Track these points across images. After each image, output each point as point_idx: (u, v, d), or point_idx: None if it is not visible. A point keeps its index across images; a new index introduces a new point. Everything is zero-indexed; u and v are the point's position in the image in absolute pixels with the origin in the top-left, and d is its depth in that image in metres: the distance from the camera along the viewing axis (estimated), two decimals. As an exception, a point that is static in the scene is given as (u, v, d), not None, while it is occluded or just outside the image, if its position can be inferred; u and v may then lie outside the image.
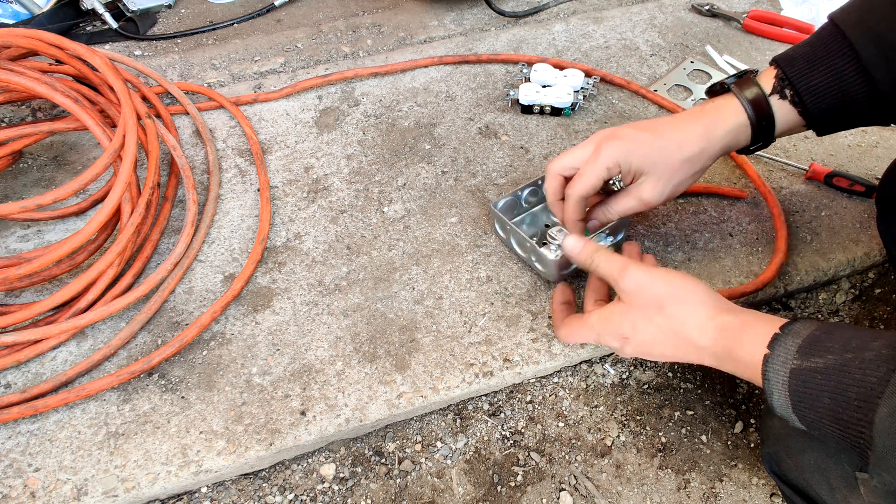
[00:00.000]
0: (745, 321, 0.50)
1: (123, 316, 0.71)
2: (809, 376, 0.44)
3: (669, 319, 0.54)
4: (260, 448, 0.62)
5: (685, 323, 0.53)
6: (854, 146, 0.87)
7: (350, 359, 0.68)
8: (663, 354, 0.56)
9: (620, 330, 0.57)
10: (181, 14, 1.12)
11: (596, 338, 0.60)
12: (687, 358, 0.55)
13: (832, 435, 0.43)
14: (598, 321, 0.59)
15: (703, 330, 0.52)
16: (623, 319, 0.57)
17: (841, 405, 0.42)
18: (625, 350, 0.58)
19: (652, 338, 0.55)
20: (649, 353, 0.57)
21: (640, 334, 0.56)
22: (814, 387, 0.43)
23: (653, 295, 0.55)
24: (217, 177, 0.83)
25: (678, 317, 0.54)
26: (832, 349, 0.44)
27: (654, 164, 0.62)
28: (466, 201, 0.81)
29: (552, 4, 1.11)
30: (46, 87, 0.70)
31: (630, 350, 0.57)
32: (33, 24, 1.02)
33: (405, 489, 0.64)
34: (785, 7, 1.07)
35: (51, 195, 0.65)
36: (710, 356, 0.52)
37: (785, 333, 0.47)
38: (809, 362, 0.44)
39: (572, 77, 0.91)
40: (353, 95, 0.94)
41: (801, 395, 0.44)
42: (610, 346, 0.59)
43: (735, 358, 0.50)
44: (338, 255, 0.76)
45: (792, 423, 0.46)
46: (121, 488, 0.59)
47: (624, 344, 0.57)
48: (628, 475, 0.65)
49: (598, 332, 0.59)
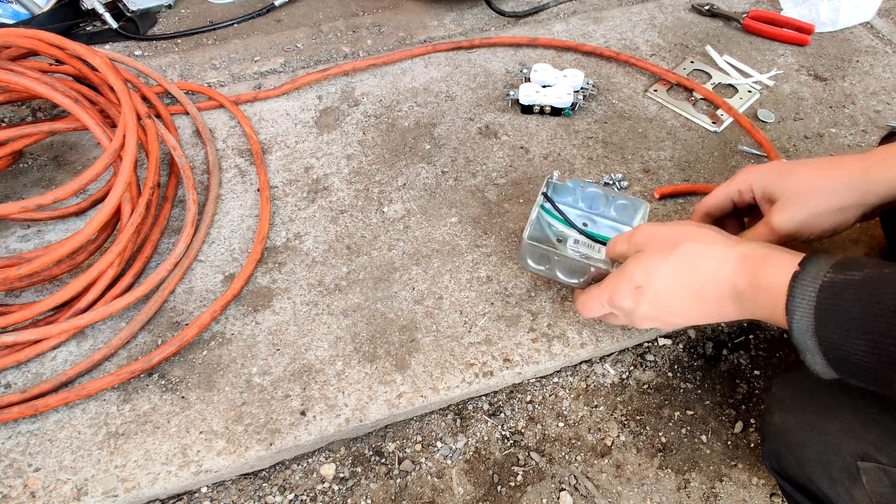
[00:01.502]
0: (769, 249, 0.48)
1: (123, 316, 0.71)
2: (841, 288, 0.41)
3: (685, 255, 0.51)
4: (260, 448, 0.62)
5: (703, 255, 0.50)
6: (854, 146, 0.87)
7: (350, 359, 0.68)
8: (679, 305, 0.52)
9: (633, 279, 0.53)
10: (181, 14, 1.12)
11: (609, 297, 0.56)
12: (703, 306, 0.51)
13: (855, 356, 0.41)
14: (609, 278, 0.56)
15: (723, 260, 0.49)
16: (635, 267, 0.53)
17: (874, 315, 0.39)
18: (639, 308, 0.54)
19: (667, 280, 0.51)
20: (664, 304, 0.52)
21: (654, 279, 0.52)
22: (845, 299, 0.41)
23: (666, 237, 0.53)
24: (217, 177, 0.83)
25: (695, 251, 0.51)
26: (869, 265, 0.42)
27: (790, 189, 0.57)
28: (466, 201, 0.81)
29: (552, 4, 1.11)
30: (46, 87, 0.70)
31: (645, 305, 0.53)
32: (33, 24, 1.02)
33: (405, 489, 0.64)
34: (785, 7, 1.07)
35: (51, 195, 0.65)
36: (730, 291, 0.49)
37: (818, 255, 0.45)
38: (844, 275, 0.42)
39: (572, 77, 0.91)
40: (353, 95, 0.94)
41: (828, 309, 0.42)
42: (622, 309, 0.55)
43: (758, 285, 0.46)
44: (338, 255, 0.76)
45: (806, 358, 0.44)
46: (121, 488, 0.59)
47: (638, 297, 0.53)
48: (628, 475, 0.65)
49: (611, 288, 0.56)
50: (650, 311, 0.54)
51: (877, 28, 1.06)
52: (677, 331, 0.74)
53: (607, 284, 0.57)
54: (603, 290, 0.57)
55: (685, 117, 0.91)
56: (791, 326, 0.44)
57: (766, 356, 0.73)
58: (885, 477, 0.45)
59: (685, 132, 0.89)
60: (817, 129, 0.90)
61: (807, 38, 1.02)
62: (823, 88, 0.95)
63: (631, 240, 0.56)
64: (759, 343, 0.74)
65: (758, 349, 0.74)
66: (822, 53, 1.02)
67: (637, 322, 0.57)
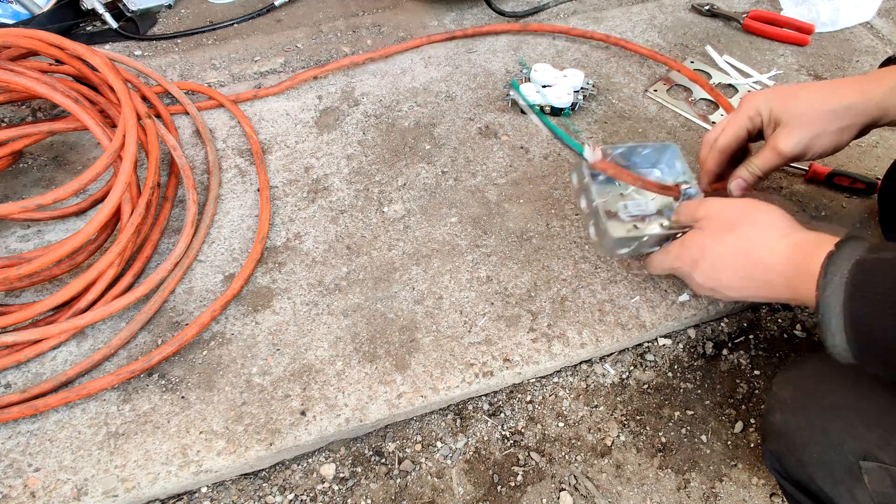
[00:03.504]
0: (821, 237, 0.49)
1: (123, 316, 0.71)
2: (874, 265, 0.43)
3: (740, 239, 0.53)
4: (260, 448, 0.62)
5: (756, 242, 0.53)
6: (854, 146, 0.87)
7: (350, 359, 0.68)
8: (730, 283, 0.55)
9: (691, 253, 0.57)
10: (181, 14, 1.12)
11: (671, 261, 0.61)
12: (753, 285, 0.53)
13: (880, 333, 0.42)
14: (673, 246, 0.61)
15: (774, 249, 0.51)
16: (693, 243, 0.57)
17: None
18: (694, 278, 0.58)
19: (720, 260, 0.55)
20: (717, 279, 0.56)
21: (708, 256, 0.55)
22: (877, 275, 0.42)
23: (726, 217, 0.55)
24: (217, 177, 0.83)
25: (750, 237, 0.53)
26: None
27: (793, 113, 0.60)
28: (466, 201, 0.81)
29: (552, 4, 1.11)
30: (46, 87, 0.70)
31: (699, 277, 0.57)
32: (33, 24, 1.02)
33: (405, 489, 0.64)
34: (785, 7, 1.07)
35: (51, 195, 0.65)
36: (779, 276, 0.51)
37: (857, 238, 0.46)
38: (878, 255, 0.43)
39: (572, 77, 0.91)
40: (353, 95, 0.94)
41: (858, 284, 0.43)
42: (682, 274, 0.60)
43: (807, 272, 0.48)
44: (338, 255, 0.76)
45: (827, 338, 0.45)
46: (121, 488, 0.59)
47: (693, 269, 0.57)
48: (628, 475, 0.65)
49: (674, 254, 0.60)
50: (705, 283, 0.57)
51: (877, 28, 1.06)
52: (675, 332, 0.74)
53: (672, 252, 0.61)
54: (667, 256, 0.61)
55: (685, 117, 0.91)
56: (820, 303, 0.45)
57: (766, 356, 0.73)
58: (887, 476, 0.45)
59: (685, 132, 0.89)
60: (817, 129, 0.90)
61: (807, 38, 1.02)
62: (823, 88, 0.95)
63: (695, 213, 0.59)
64: (759, 343, 0.74)
65: (758, 349, 0.74)
66: (822, 53, 1.02)
67: (695, 288, 0.61)
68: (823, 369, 0.54)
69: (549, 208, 0.80)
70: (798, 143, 0.60)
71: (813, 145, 0.61)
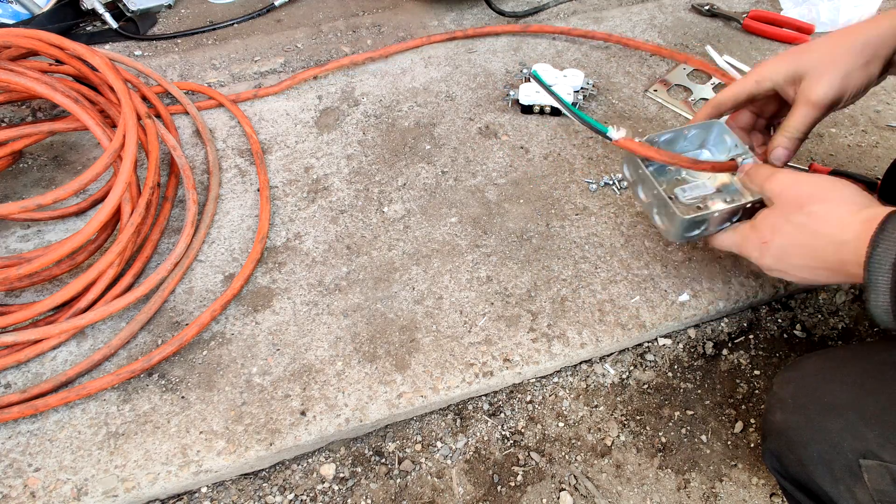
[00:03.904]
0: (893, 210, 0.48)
1: (123, 316, 0.71)
2: None
3: (809, 218, 0.52)
4: (260, 448, 0.62)
5: (827, 220, 0.51)
6: (854, 146, 0.87)
7: (350, 359, 0.68)
8: (802, 263, 0.53)
9: (761, 234, 0.56)
10: (181, 14, 1.12)
11: (740, 241, 0.59)
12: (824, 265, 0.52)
13: None
14: (744, 226, 0.59)
15: (844, 225, 0.50)
16: (764, 222, 0.55)
17: None
18: (763, 259, 0.56)
19: (790, 240, 0.53)
20: (787, 261, 0.54)
21: (778, 237, 0.54)
22: None
23: (796, 194, 0.54)
24: (217, 177, 0.83)
25: (819, 215, 0.52)
26: None
27: (813, 62, 0.59)
28: (466, 201, 0.81)
29: (552, 4, 1.11)
30: (46, 87, 0.70)
31: (769, 259, 0.56)
32: (33, 24, 1.02)
33: (405, 489, 0.64)
34: (785, 7, 1.07)
35: (51, 195, 0.65)
36: (852, 254, 0.49)
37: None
38: None
39: (572, 77, 0.91)
40: (353, 95, 0.94)
41: None
42: (750, 256, 0.58)
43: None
44: (338, 255, 0.76)
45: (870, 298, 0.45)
46: (121, 488, 0.59)
47: (763, 251, 0.56)
48: (628, 475, 0.65)
49: (743, 234, 0.58)
50: (774, 265, 0.56)
51: (877, 28, 1.06)
52: (675, 332, 0.74)
53: (739, 233, 0.59)
54: (734, 234, 0.60)
55: (685, 117, 0.91)
56: (870, 261, 0.45)
57: (766, 356, 0.73)
58: (887, 474, 0.45)
59: (685, 132, 0.89)
60: (817, 129, 0.90)
61: (807, 38, 1.02)
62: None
63: (764, 185, 0.57)
64: (759, 343, 0.74)
65: (758, 349, 0.74)
66: (822, 53, 1.02)
67: (764, 270, 0.59)
68: (824, 368, 0.54)
69: (549, 208, 0.80)
70: (830, 86, 0.58)
71: (846, 86, 0.58)
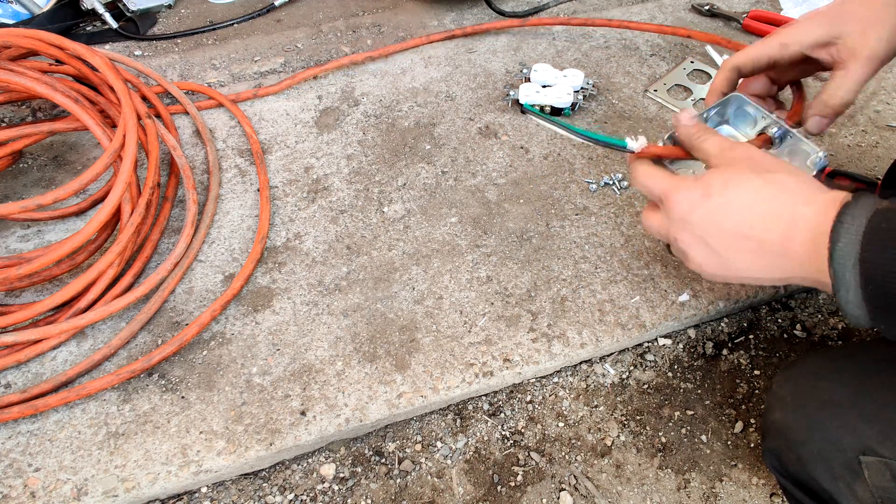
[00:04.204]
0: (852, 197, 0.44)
1: (123, 316, 0.71)
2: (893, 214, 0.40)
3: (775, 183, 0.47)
4: (260, 448, 0.62)
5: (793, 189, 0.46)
6: (854, 146, 0.87)
7: (350, 359, 0.68)
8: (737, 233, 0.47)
9: (707, 186, 0.48)
10: (181, 14, 1.12)
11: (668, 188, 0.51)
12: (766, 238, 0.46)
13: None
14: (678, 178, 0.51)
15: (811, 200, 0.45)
16: (716, 176, 0.49)
17: None
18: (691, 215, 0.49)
19: (741, 198, 0.47)
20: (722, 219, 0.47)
21: (729, 191, 0.47)
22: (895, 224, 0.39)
23: (765, 163, 0.49)
24: (217, 177, 0.83)
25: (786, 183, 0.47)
26: None
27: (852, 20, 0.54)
28: (466, 201, 0.81)
29: (552, 4, 1.11)
30: (46, 87, 0.70)
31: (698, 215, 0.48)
32: (33, 24, 1.02)
33: (405, 489, 0.64)
34: (785, 7, 1.07)
35: (51, 195, 0.65)
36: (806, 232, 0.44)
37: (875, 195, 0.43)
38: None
39: (572, 77, 0.91)
40: (353, 95, 0.94)
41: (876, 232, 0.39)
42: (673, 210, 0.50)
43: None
44: (338, 255, 0.76)
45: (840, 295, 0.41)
46: (121, 488, 0.59)
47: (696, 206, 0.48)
48: (628, 475, 0.65)
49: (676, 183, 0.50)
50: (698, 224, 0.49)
51: (877, 28, 1.06)
52: (675, 332, 0.74)
53: (677, 180, 0.51)
54: (668, 180, 0.52)
55: (685, 117, 0.91)
56: (833, 256, 0.41)
57: (766, 356, 0.73)
58: (886, 470, 0.45)
59: (685, 132, 0.89)
60: (817, 129, 0.90)
61: (807, 38, 1.02)
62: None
63: (724, 151, 0.51)
64: (759, 343, 0.74)
65: (758, 349, 0.74)
66: (822, 53, 1.02)
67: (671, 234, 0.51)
68: (822, 367, 0.54)
69: (549, 208, 0.80)
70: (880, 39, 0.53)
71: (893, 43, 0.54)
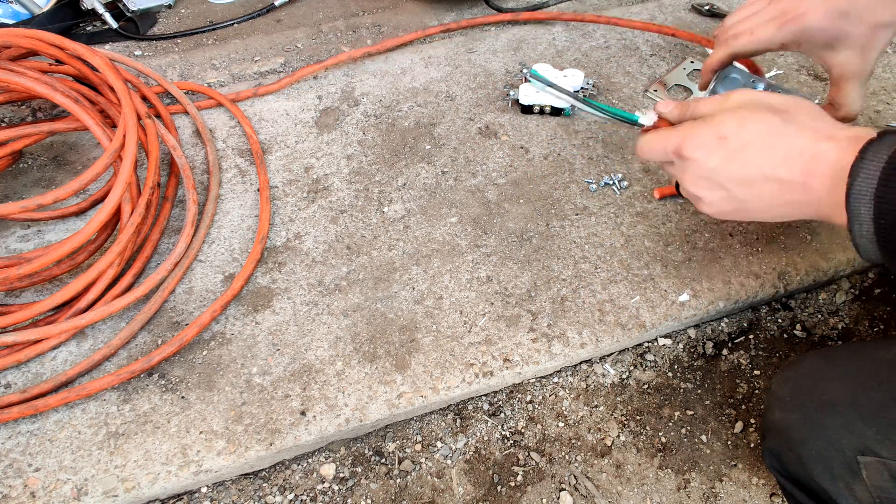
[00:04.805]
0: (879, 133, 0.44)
1: (123, 316, 0.71)
2: None
3: (792, 121, 0.46)
4: (260, 448, 0.62)
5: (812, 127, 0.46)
6: (854, 146, 0.87)
7: (350, 359, 0.68)
8: (757, 172, 0.46)
9: (720, 128, 0.48)
10: (181, 14, 1.12)
11: (679, 142, 0.50)
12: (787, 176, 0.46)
13: None
14: (688, 124, 0.50)
15: (832, 136, 0.45)
16: (730, 117, 0.48)
17: None
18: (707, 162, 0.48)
19: (761, 138, 0.46)
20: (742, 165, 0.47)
21: (746, 132, 0.47)
22: None
23: (774, 103, 0.48)
24: (217, 177, 0.83)
25: (804, 120, 0.46)
26: None
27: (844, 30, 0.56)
28: (466, 201, 0.81)
29: (552, 4, 1.11)
30: (46, 87, 0.70)
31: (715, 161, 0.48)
32: (33, 24, 1.02)
33: (405, 489, 0.64)
34: (785, 7, 1.07)
35: (51, 195, 0.65)
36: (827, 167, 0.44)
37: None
38: None
39: (572, 77, 0.91)
40: (353, 95, 0.94)
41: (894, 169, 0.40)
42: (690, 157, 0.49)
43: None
44: (338, 255, 0.76)
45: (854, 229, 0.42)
46: (121, 488, 0.59)
47: (714, 151, 0.48)
48: (628, 475, 0.65)
49: (686, 133, 0.50)
50: (717, 169, 0.48)
51: (877, 28, 1.06)
52: (675, 332, 0.74)
53: (683, 128, 0.51)
54: (674, 133, 0.51)
55: (685, 117, 0.91)
56: (851, 190, 0.41)
57: (766, 356, 0.73)
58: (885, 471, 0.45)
59: (685, 132, 0.89)
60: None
61: (807, 38, 1.02)
62: (823, 89, 0.95)
63: (726, 100, 0.50)
64: (759, 343, 0.74)
65: (758, 349, 0.74)
66: (822, 53, 1.02)
67: (690, 179, 0.51)
68: (821, 366, 0.54)
69: (549, 208, 0.80)
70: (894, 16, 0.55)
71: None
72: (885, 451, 0.45)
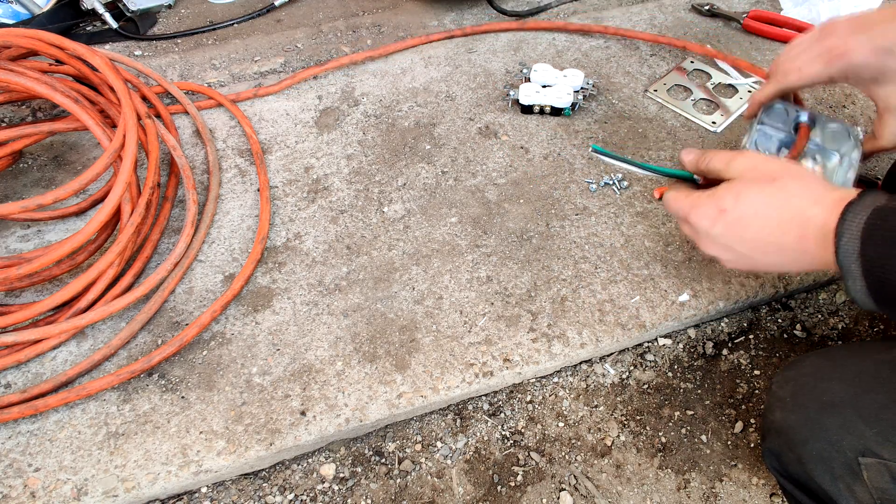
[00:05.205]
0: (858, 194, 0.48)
1: (123, 316, 0.71)
2: (890, 212, 0.43)
3: (783, 188, 0.51)
4: (260, 448, 0.62)
5: (798, 193, 0.50)
6: (854, 146, 0.87)
7: (350, 359, 0.68)
8: (756, 237, 0.52)
9: (720, 202, 0.53)
10: (181, 14, 1.12)
11: (688, 211, 0.56)
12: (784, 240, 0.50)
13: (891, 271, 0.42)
14: (697, 195, 0.56)
15: (819, 200, 0.49)
16: (727, 192, 0.53)
17: None
18: (712, 230, 0.54)
19: (754, 209, 0.51)
20: (741, 231, 0.52)
21: (742, 205, 0.52)
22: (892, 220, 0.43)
23: (767, 170, 0.53)
24: (217, 177, 0.83)
25: (792, 188, 0.51)
26: None
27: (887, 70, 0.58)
28: (466, 201, 0.81)
29: (553, 5, 1.11)
30: (46, 87, 0.70)
31: (719, 228, 0.53)
32: (33, 24, 1.02)
33: (405, 489, 0.64)
34: (785, 7, 1.07)
35: (51, 195, 0.65)
36: (818, 230, 0.48)
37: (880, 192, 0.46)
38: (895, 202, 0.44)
39: (572, 77, 0.91)
40: (353, 95, 0.94)
41: (874, 228, 0.43)
42: (696, 225, 0.56)
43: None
44: (338, 255, 0.76)
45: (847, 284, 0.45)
46: (121, 488, 0.59)
47: (716, 221, 0.53)
48: (628, 475, 0.65)
49: (694, 204, 0.56)
50: (721, 236, 0.54)
51: (877, 28, 1.06)
52: (675, 332, 0.74)
53: (693, 198, 0.57)
54: (687, 201, 0.57)
55: (685, 117, 0.91)
56: (838, 251, 0.45)
57: (766, 356, 0.73)
58: (886, 472, 0.45)
59: (685, 132, 0.89)
60: (817, 129, 0.90)
61: (807, 38, 1.02)
62: (823, 89, 0.95)
63: (730, 164, 0.56)
64: (759, 343, 0.74)
65: (758, 349, 0.74)
66: (822, 53, 1.02)
67: (702, 244, 0.57)
68: (822, 367, 0.54)
69: (549, 208, 0.80)
70: None
71: None
72: (886, 452, 0.45)
